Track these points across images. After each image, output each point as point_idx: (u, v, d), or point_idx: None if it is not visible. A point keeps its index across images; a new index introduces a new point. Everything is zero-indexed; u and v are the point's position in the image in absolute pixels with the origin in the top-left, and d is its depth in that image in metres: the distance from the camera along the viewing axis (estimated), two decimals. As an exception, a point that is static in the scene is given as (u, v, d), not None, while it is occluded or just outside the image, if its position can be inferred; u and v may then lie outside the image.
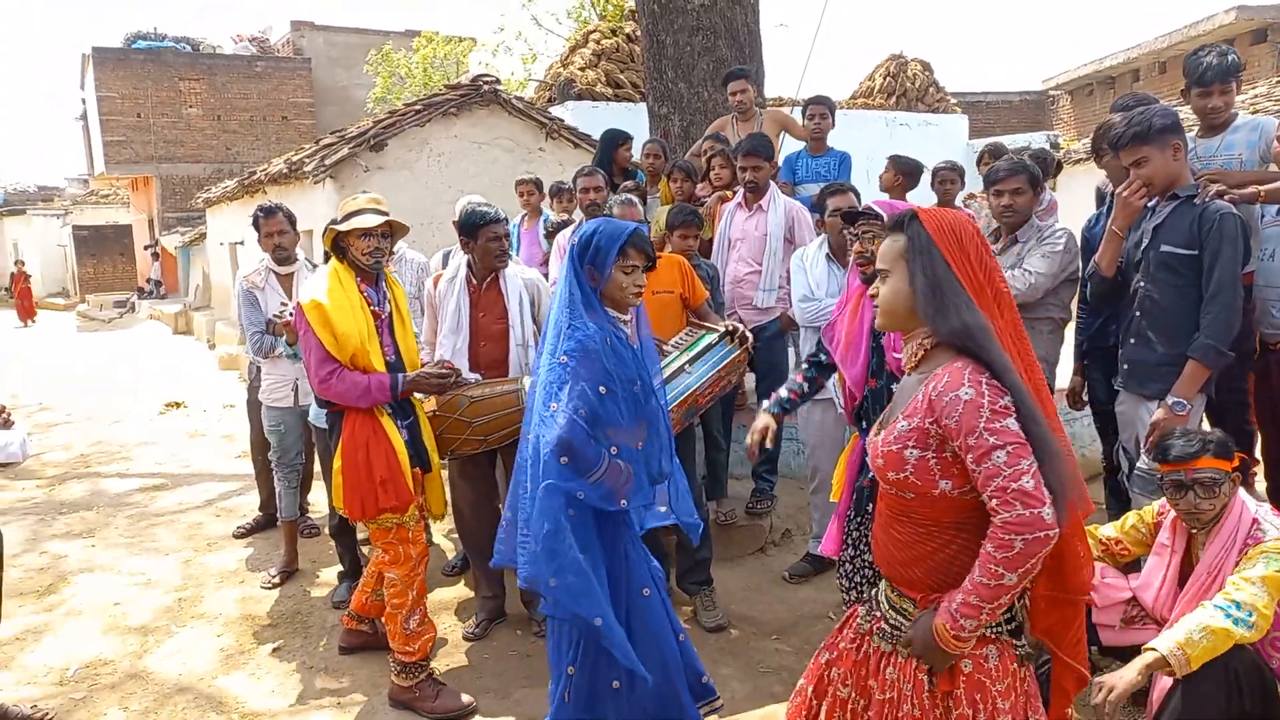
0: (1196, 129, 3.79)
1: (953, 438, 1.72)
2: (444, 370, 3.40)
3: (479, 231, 3.78)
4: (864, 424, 3.00)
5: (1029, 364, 1.77)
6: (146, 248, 25.99)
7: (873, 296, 1.93)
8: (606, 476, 2.43)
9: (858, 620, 2.09)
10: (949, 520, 1.81)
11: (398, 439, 3.28)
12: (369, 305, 3.32)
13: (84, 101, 27.81)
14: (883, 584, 2.02)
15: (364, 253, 3.30)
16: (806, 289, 4.18)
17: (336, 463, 3.27)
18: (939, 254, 1.75)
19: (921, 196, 5.96)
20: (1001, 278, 1.82)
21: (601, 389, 2.43)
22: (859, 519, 3.04)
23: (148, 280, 25.41)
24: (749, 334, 3.58)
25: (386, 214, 3.40)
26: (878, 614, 2.00)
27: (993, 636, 1.84)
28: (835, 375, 3.13)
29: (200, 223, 18.52)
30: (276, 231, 4.62)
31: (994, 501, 1.68)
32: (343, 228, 3.29)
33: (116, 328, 20.18)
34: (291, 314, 3.99)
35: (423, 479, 3.45)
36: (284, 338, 4.29)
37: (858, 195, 4.16)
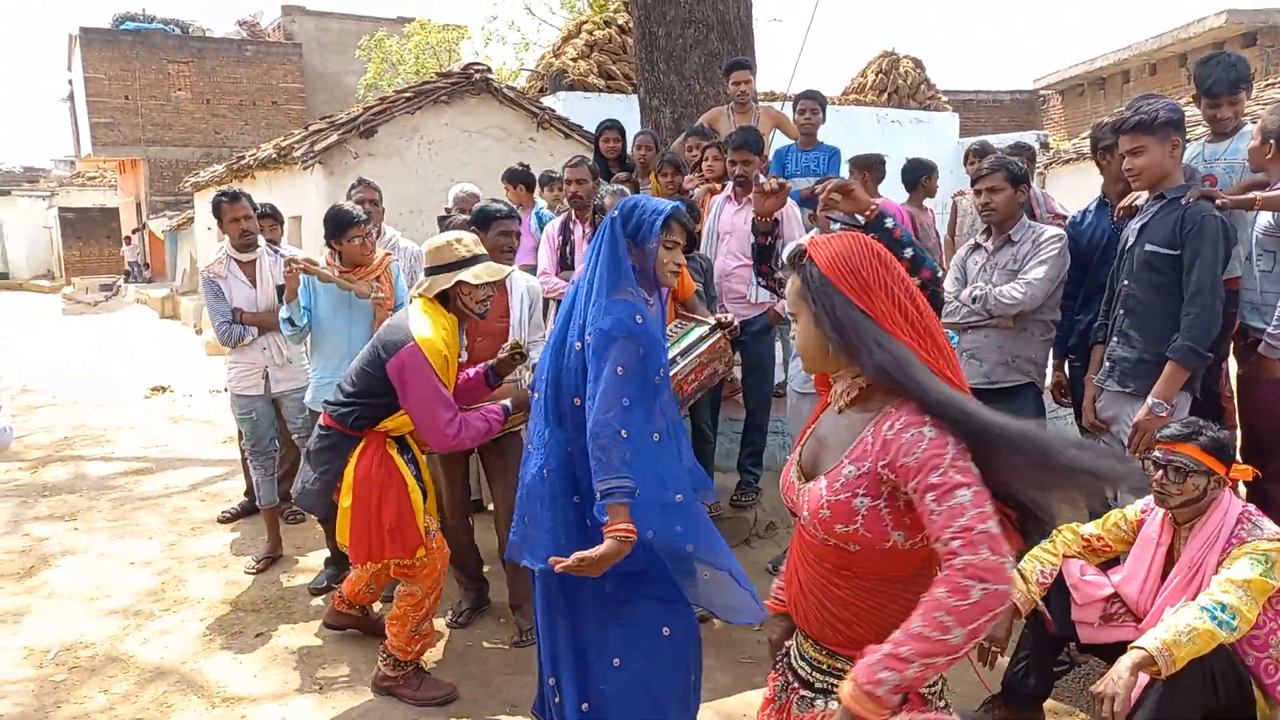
0: (1206, 135, 3.86)
1: (908, 479, 1.51)
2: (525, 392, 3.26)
3: (491, 224, 3.77)
4: None
5: (960, 386, 1.60)
6: (132, 232, 25.78)
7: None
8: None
9: (774, 694, 1.85)
10: (896, 575, 1.62)
11: (412, 482, 3.23)
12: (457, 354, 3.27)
13: (70, 83, 27.53)
14: (797, 644, 1.81)
15: (478, 300, 3.20)
16: None
17: (345, 500, 3.19)
18: (835, 290, 1.59)
19: (890, 188, 6.01)
20: (917, 297, 1.64)
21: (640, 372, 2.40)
22: None
23: (130, 264, 25.22)
24: (737, 323, 3.58)
25: (487, 256, 3.28)
26: (794, 683, 1.78)
27: (931, 699, 1.64)
28: None
29: (188, 207, 18.37)
30: (243, 216, 4.57)
31: (956, 543, 1.43)
32: (470, 280, 3.12)
33: (103, 311, 20.02)
34: (297, 265, 4.00)
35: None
36: (281, 306, 4.23)
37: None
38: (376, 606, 3.88)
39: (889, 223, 2.74)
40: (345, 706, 3.32)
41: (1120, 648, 2.52)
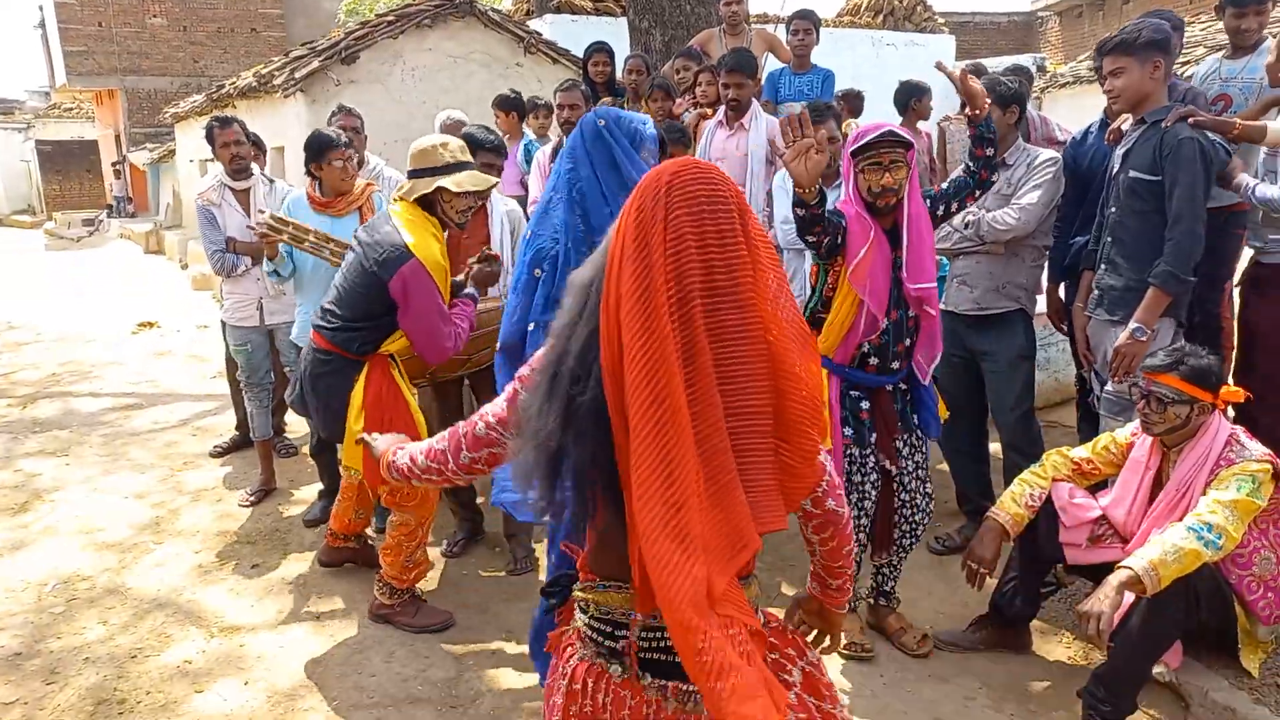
0: (1224, 50, 3.82)
1: None
2: (487, 261, 3.32)
3: (477, 153, 3.70)
4: (874, 360, 2.94)
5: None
6: (114, 164, 25.30)
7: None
8: None
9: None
10: None
11: (414, 403, 3.23)
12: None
13: (41, 9, 26.64)
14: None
15: (459, 210, 3.17)
16: (787, 211, 4.12)
17: (358, 424, 3.15)
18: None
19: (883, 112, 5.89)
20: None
21: None
22: (865, 451, 3.00)
23: (115, 198, 24.79)
24: None
25: (473, 164, 3.27)
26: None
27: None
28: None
29: (169, 139, 17.99)
30: (233, 141, 4.50)
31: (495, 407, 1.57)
32: (452, 188, 3.09)
33: (86, 247, 19.74)
34: (261, 224, 3.88)
35: None
36: (264, 256, 4.15)
37: (838, 119, 4.04)
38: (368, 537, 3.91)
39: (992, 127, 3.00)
40: (343, 635, 3.37)
41: (1107, 568, 2.56)
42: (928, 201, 2.98)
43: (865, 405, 2.98)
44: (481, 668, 3.15)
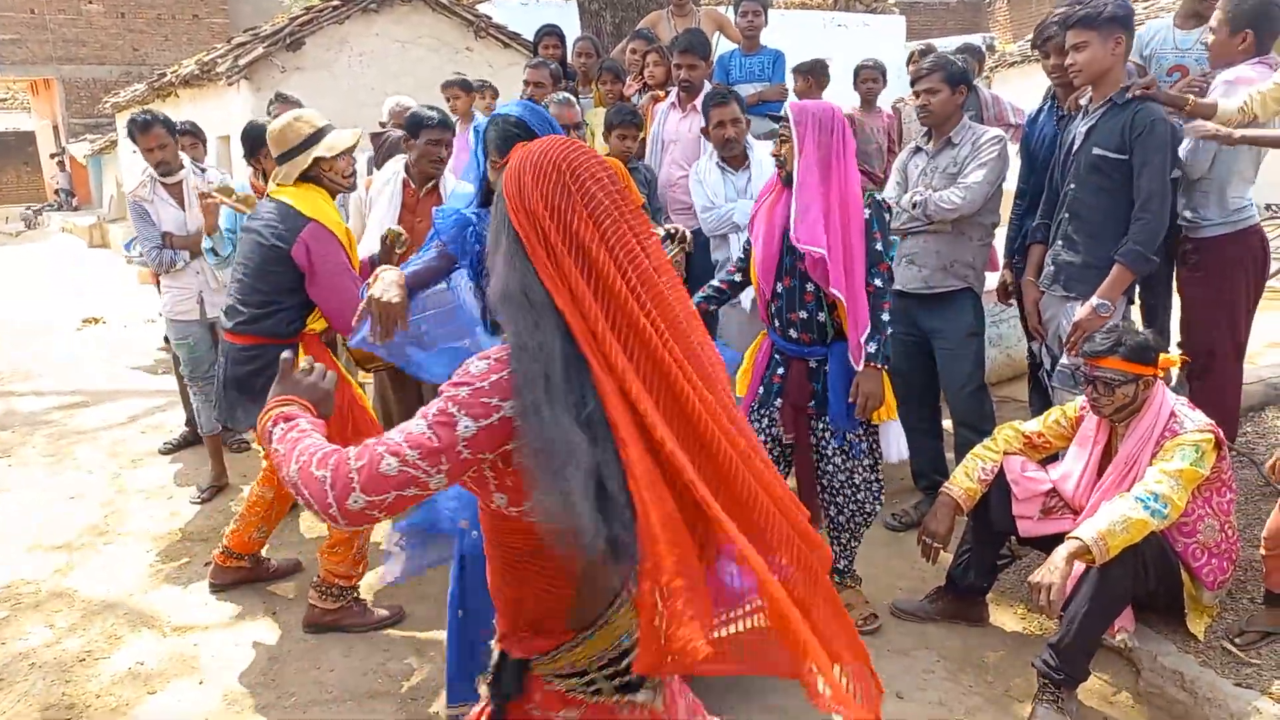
0: (1175, 17, 3.84)
1: None
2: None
3: (421, 132, 3.67)
4: (775, 323, 3.07)
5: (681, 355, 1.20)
6: (53, 156, 24.55)
7: None
8: None
9: None
10: (518, 546, 1.31)
11: (360, 390, 3.19)
12: None
13: (-29, -4, 25.66)
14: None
15: (344, 174, 3.13)
16: (705, 199, 4.17)
17: None
18: (503, 201, 1.27)
19: (841, 95, 5.90)
20: (626, 229, 1.22)
21: None
22: (763, 410, 3.11)
23: (56, 192, 24.09)
24: (687, 234, 3.51)
25: (333, 127, 3.23)
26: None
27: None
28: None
29: (110, 129, 17.50)
30: (156, 146, 4.37)
31: (372, 442, 1.24)
32: (326, 154, 3.06)
33: (25, 241, 19.17)
34: (215, 193, 3.82)
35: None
36: (204, 234, 4.09)
37: (741, 104, 4.06)
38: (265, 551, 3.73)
39: None
40: (300, 630, 3.30)
41: (1059, 540, 2.60)
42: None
43: (780, 371, 3.08)
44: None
